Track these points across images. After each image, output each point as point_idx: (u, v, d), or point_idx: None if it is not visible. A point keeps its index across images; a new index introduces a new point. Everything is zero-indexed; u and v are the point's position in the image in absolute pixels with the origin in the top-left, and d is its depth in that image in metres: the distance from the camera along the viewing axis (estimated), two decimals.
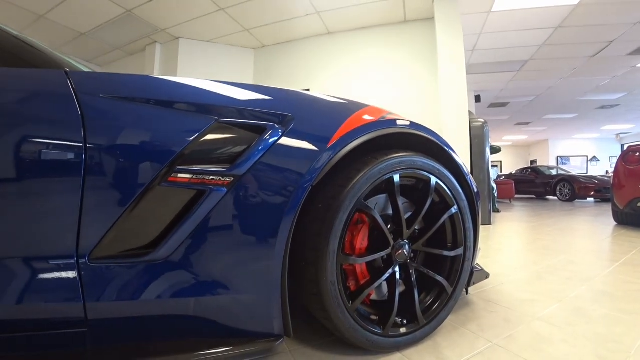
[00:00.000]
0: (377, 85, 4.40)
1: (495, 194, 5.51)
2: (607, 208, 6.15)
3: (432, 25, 4.10)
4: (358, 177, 0.83)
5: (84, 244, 0.65)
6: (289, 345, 0.98)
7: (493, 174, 7.35)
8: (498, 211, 5.50)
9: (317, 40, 4.69)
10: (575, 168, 13.46)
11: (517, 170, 10.54)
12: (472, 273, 1.20)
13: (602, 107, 8.60)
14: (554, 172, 9.25)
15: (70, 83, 0.69)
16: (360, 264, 0.96)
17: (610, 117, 9.88)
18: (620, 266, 1.93)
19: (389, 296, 0.98)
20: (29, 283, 0.63)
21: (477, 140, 3.80)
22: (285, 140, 0.76)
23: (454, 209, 1.06)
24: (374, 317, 0.94)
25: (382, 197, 1.02)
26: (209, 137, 0.72)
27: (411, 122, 1.02)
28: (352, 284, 0.97)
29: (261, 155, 0.73)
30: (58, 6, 4.06)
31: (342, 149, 0.81)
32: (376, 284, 0.91)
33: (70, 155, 0.64)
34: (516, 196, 9.91)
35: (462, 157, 3.58)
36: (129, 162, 0.67)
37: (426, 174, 0.99)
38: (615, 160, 13.39)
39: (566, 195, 8.18)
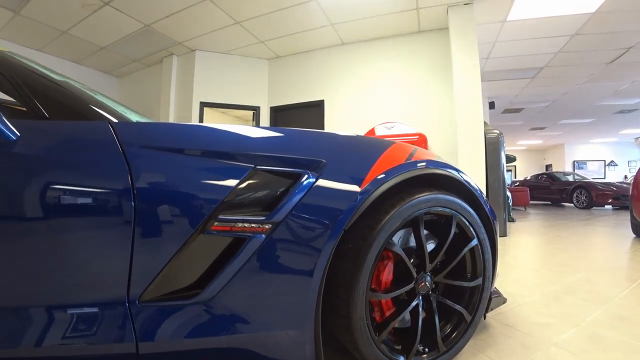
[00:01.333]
0: (391, 94, 4.46)
1: (510, 203, 5.49)
2: (626, 217, 6.05)
3: (447, 35, 4.13)
4: (386, 219, 0.91)
5: (134, 287, 0.72)
6: None
7: (507, 178, 7.29)
8: (513, 221, 5.47)
9: (331, 50, 4.77)
10: (592, 173, 13.22)
11: (531, 176, 10.41)
12: (490, 299, 1.26)
13: (621, 112, 8.46)
14: (570, 178, 9.13)
15: (115, 134, 0.77)
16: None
17: (629, 121, 9.70)
18: (638, 287, 1.94)
19: (412, 325, 1.04)
20: (87, 324, 0.71)
21: (493, 151, 3.82)
22: (319, 187, 0.84)
23: (474, 242, 1.12)
24: (397, 347, 1.01)
25: (405, 230, 1.08)
26: (248, 185, 0.80)
27: (435, 161, 1.08)
28: (377, 315, 1.03)
29: (297, 202, 0.80)
30: (80, 22, 4.24)
31: (372, 193, 0.88)
32: (400, 317, 0.98)
33: (121, 206, 0.71)
34: (531, 202, 9.79)
35: (477, 168, 3.61)
36: (175, 211, 0.74)
37: (448, 210, 1.05)
38: (634, 164, 13.13)
39: (583, 203, 8.07)
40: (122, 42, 4.69)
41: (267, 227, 0.78)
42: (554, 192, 8.95)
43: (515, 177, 13.95)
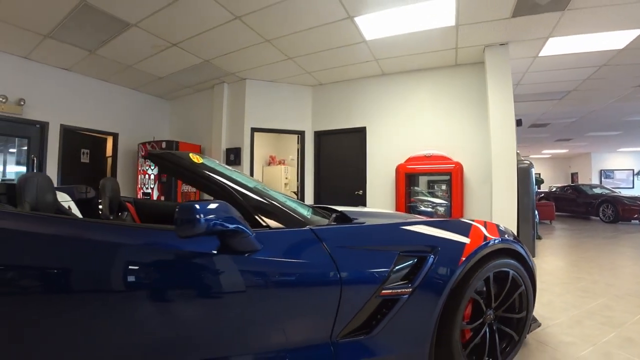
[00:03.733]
0: (429, 123, 5.05)
1: (537, 220, 6.02)
2: None
3: (482, 68, 4.70)
4: (472, 280, 1.53)
5: (335, 330, 1.33)
6: None
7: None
8: (540, 238, 6.01)
9: (372, 80, 5.38)
10: (620, 182, 13.51)
11: (557, 188, 10.84)
12: (530, 325, 1.88)
13: None
14: (597, 191, 9.55)
15: (317, 236, 1.39)
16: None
17: None
18: None
19: (480, 343, 1.67)
20: (312, 351, 1.32)
21: (524, 180, 4.38)
22: (436, 264, 1.46)
23: (521, 288, 1.74)
24: (473, 358, 1.64)
25: None
26: (396, 264, 1.42)
27: (498, 238, 1.70)
28: (460, 337, 1.67)
29: (425, 274, 1.43)
30: (146, 59, 4.95)
31: (465, 266, 1.51)
32: (476, 340, 1.61)
33: (333, 283, 1.31)
34: (556, 213, 10.23)
35: (510, 194, 4.17)
36: (361, 284, 1.36)
37: (507, 269, 1.68)
38: None
39: (609, 217, 8.52)
40: (180, 73, 5.39)
41: (409, 290, 1.41)
42: (579, 205, 9.40)
43: (539, 189, 14.27)
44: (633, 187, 13.30)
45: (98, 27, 4.12)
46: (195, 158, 1.60)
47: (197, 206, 1.08)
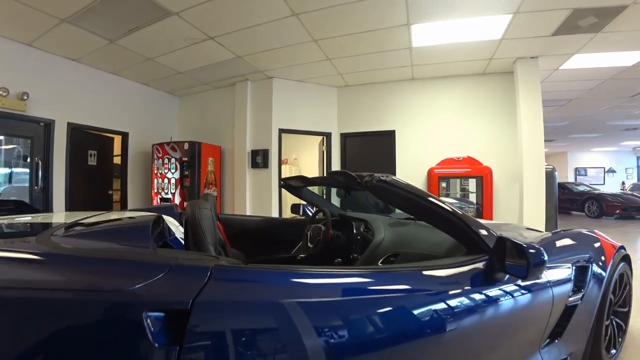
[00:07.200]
0: (458, 128, 5.58)
1: None
2: (633, 226, 7.69)
3: (510, 78, 5.30)
4: (610, 283, 1.99)
5: (543, 338, 1.66)
6: None
7: None
8: None
9: (401, 84, 5.79)
10: (591, 179, 15.37)
11: None
12: None
13: (626, 130, 10.25)
14: (581, 189, 10.93)
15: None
16: None
17: (631, 135, 11.61)
18: None
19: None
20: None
21: (549, 181, 5.08)
22: (593, 271, 1.89)
23: (628, 286, 2.25)
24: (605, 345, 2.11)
25: None
26: (573, 274, 1.81)
27: (617, 246, 2.18)
28: None
29: (588, 281, 1.85)
30: (172, 52, 4.91)
31: (610, 271, 1.96)
32: (609, 332, 2.08)
33: (549, 297, 1.67)
34: None
35: (539, 193, 4.81)
36: (561, 296, 1.66)
37: (624, 272, 2.17)
38: (631, 171, 15.42)
39: (594, 212, 9.85)
40: (204, 68, 5.40)
41: (580, 297, 1.81)
42: (565, 202, 10.68)
43: None
44: (604, 184, 15.22)
45: (131, 14, 3.85)
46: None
47: (541, 248, 1.31)
